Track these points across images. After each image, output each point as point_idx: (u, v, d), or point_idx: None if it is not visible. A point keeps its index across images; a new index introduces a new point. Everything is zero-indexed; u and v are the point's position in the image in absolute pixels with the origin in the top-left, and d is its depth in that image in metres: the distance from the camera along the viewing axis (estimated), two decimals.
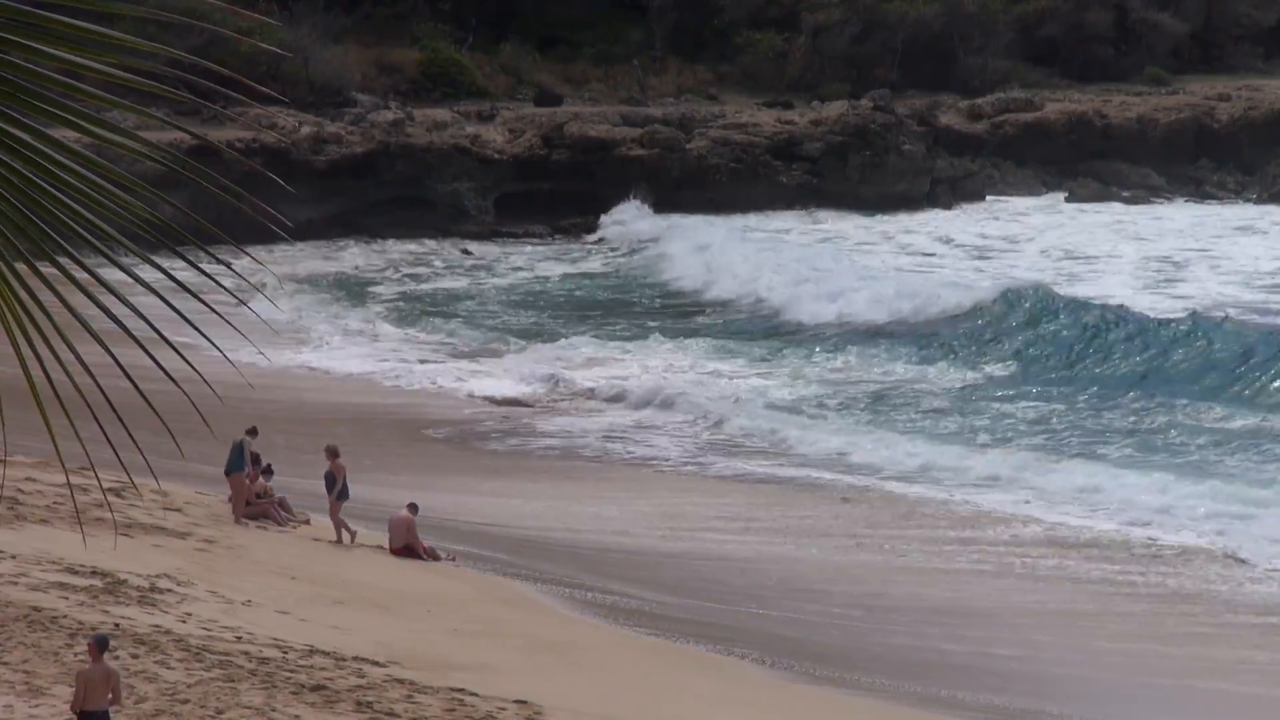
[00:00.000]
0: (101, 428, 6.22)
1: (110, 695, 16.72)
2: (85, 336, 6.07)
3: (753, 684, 23.11)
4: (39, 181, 5.90)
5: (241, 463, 29.00)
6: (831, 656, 25.11)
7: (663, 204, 74.07)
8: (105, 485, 28.35)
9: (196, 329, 6.35)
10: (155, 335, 6.16)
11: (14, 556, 23.18)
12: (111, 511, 26.39)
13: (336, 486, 28.57)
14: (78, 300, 6.09)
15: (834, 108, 79.33)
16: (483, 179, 73.28)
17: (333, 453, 29.12)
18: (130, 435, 6.36)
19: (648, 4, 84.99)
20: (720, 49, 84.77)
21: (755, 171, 75.94)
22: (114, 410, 6.23)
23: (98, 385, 6.04)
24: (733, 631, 26.05)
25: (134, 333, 6.12)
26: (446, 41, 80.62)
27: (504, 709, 19.49)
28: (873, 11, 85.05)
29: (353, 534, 28.58)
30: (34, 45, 5.82)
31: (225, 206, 6.50)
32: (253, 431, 29.77)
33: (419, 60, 79.42)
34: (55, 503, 27.20)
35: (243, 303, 7.03)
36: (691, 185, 74.93)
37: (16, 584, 21.90)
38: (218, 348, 6.76)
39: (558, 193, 73.64)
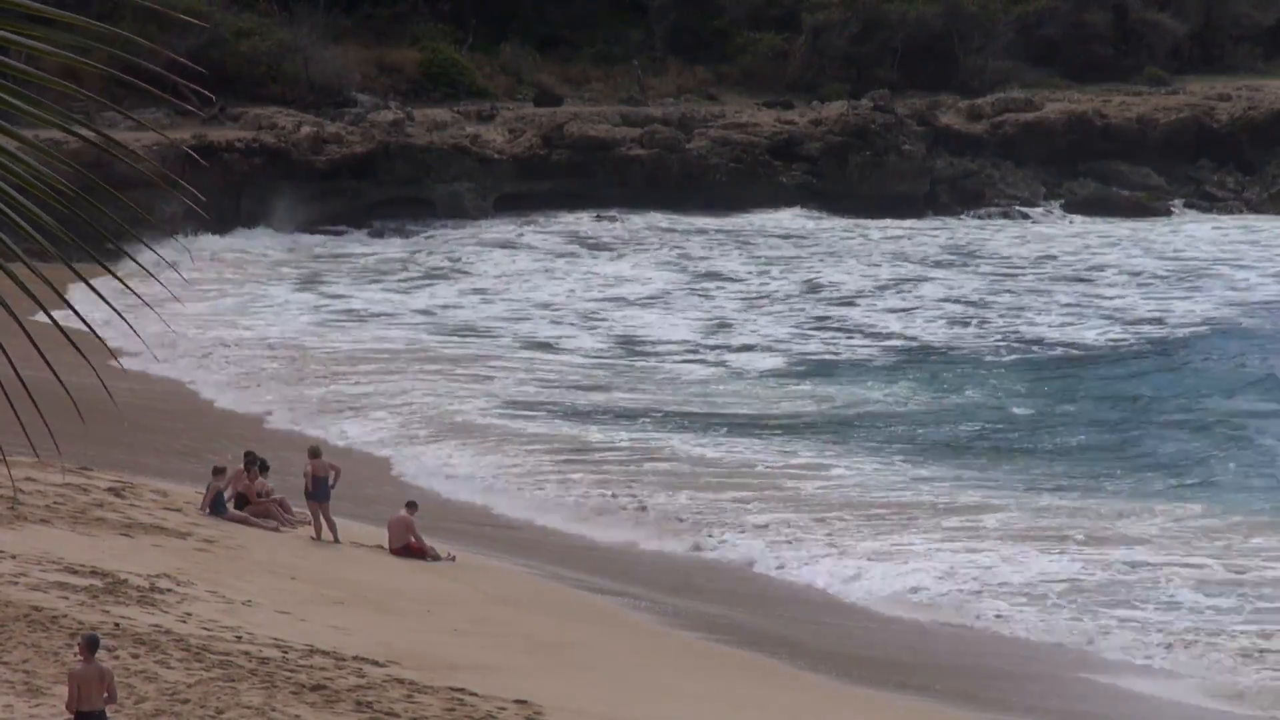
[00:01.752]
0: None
1: (106, 695, 16.70)
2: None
3: (755, 683, 23.10)
4: None
5: (222, 505, 28.79)
6: (838, 656, 25.11)
7: (662, 204, 74.10)
8: (105, 485, 28.39)
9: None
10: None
11: (14, 556, 23.18)
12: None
13: (330, 485, 28.47)
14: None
15: (834, 108, 79.32)
16: (483, 179, 73.28)
17: (314, 453, 29.11)
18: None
19: (648, 4, 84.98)
20: (720, 49, 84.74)
21: (755, 171, 75.95)
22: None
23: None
24: (741, 630, 26.05)
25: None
26: (446, 42, 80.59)
27: (504, 709, 19.50)
28: (873, 11, 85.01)
29: (321, 533, 28.42)
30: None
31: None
32: (219, 472, 29.27)
33: (419, 60, 79.40)
34: (55, 503, 27.21)
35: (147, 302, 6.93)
36: (691, 185, 74.97)
37: (16, 584, 21.90)
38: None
39: (558, 193, 73.69)
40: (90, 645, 16.92)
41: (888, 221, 74.38)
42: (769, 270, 64.96)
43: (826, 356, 51.29)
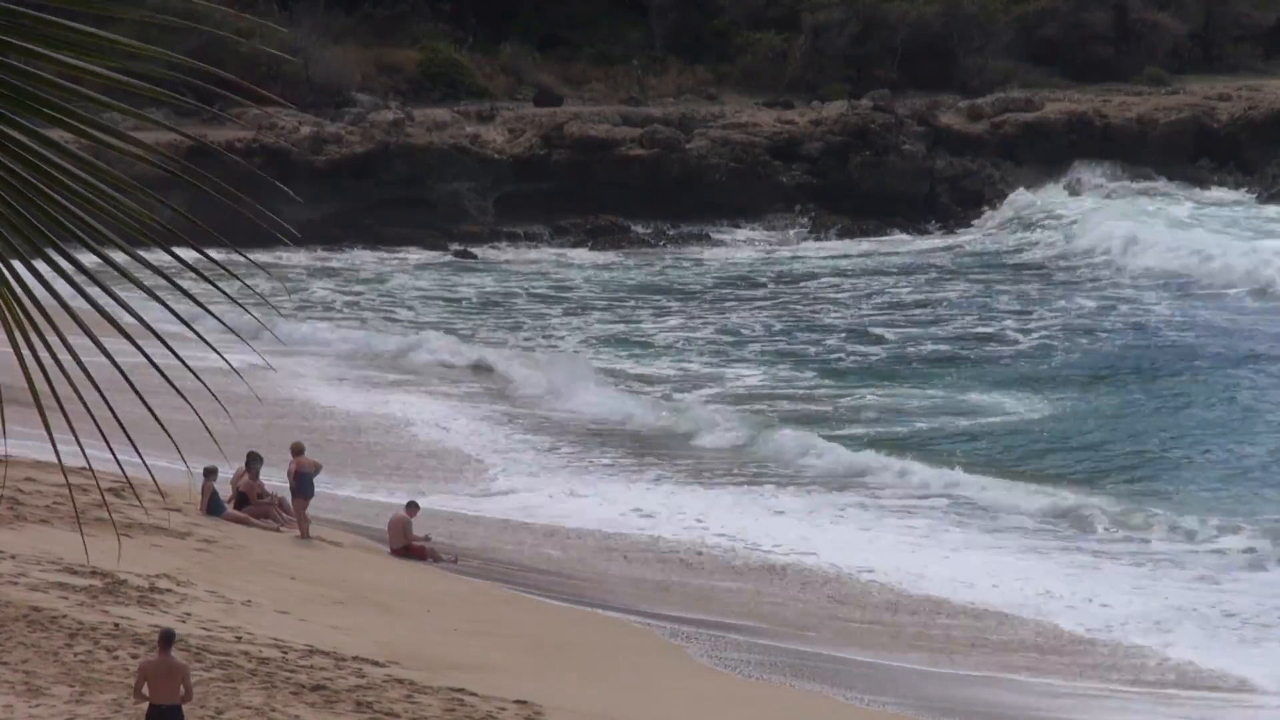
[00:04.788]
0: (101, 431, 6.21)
1: (181, 690, 16.82)
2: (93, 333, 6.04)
3: (754, 684, 23.11)
4: (35, 182, 5.90)
5: (220, 506, 28.76)
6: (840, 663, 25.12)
7: (662, 205, 74.05)
8: (105, 486, 28.36)
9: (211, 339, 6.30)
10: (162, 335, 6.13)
11: (14, 556, 23.18)
12: (110, 512, 26.39)
13: (302, 483, 28.40)
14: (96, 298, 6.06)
15: (834, 108, 79.27)
16: (483, 179, 73.27)
17: (297, 450, 29.07)
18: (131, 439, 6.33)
19: (648, 4, 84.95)
20: (720, 49, 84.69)
21: (755, 171, 75.92)
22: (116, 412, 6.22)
23: (121, 385, 6.03)
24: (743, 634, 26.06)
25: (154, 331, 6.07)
26: (446, 41, 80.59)
27: (504, 709, 19.50)
28: (873, 11, 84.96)
29: (307, 531, 28.37)
30: (32, 48, 5.84)
31: (226, 209, 6.47)
32: (210, 473, 29.20)
33: (419, 60, 79.40)
34: (55, 503, 27.21)
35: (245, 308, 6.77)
36: (691, 185, 74.95)
37: (16, 584, 21.90)
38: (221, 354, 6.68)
39: (558, 193, 73.67)
40: (165, 639, 17.13)
41: (914, 243, 73.00)
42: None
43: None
